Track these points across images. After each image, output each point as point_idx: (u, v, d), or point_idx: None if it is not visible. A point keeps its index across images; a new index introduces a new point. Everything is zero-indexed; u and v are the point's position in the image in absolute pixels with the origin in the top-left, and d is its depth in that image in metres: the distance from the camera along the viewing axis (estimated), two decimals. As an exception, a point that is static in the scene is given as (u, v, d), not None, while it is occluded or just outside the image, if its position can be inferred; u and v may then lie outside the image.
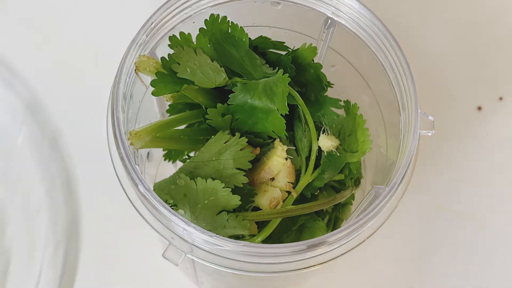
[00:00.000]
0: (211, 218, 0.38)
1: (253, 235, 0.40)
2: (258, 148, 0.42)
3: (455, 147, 0.63)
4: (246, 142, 0.40)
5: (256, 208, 0.42)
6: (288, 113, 0.40)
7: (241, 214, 0.39)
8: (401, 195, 0.40)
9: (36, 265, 0.57)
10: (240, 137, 0.41)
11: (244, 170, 0.40)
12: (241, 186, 0.39)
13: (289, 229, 0.43)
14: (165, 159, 0.48)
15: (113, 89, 0.39)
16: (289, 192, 0.42)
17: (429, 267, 0.58)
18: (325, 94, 0.45)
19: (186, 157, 0.49)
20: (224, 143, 0.40)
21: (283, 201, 0.41)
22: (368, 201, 0.41)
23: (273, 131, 0.41)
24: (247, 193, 0.40)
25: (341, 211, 0.47)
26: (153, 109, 0.48)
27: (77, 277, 0.56)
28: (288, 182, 0.42)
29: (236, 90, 0.41)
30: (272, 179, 0.41)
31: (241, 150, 0.40)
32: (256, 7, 0.46)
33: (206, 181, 0.38)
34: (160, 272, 0.57)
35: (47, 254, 0.57)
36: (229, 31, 0.42)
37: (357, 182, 0.45)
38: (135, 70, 0.40)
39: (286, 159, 0.42)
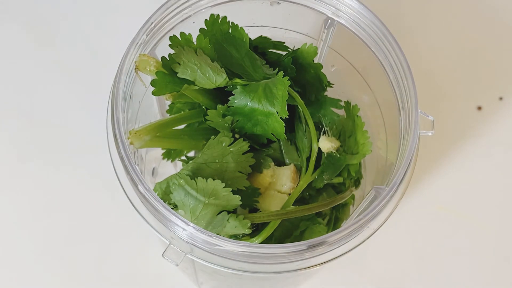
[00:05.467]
0: (211, 218, 0.38)
1: (252, 235, 0.40)
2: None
3: (455, 147, 0.63)
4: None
5: (256, 210, 0.42)
6: (287, 117, 0.40)
7: (241, 215, 0.39)
8: (401, 195, 0.40)
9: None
10: (241, 140, 0.41)
11: (246, 174, 0.40)
12: (243, 189, 0.39)
13: (291, 234, 0.43)
14: (163, 158, 0.48)
15: (113, 89, 0.39)
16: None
17: (429, 267, 0.58)
18: (325, 94, 0.46)
19: (184, 157, 0.49)
20: (228, 145, 0.40)
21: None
22: (368, 201, 0.41)
23: (272, 134, 0.41)
24: (251, 193, 0.40)
25: (341, 211, 0.47)
26: (153, 110, 0.48)
27: (78, 277, 0.57)
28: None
29: (236, 93, 0.41)
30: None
31: (243, 154, 0.40)
32: (256, 7, 0.46)
33: (207, 181, 0.38)
34: (160, 272, 0.57)
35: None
36: (229, 31, 0.42)
37: (357, 183, 0.45)
38: (135, 69, 0.40)
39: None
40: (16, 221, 0.58)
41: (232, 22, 0.42)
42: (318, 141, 0.43)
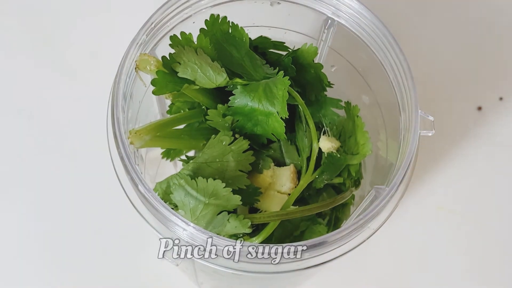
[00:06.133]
0: (212, 218, 0.38)
1: (252, 235, 0.40)
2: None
3: (455, 147, 0.63)
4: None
5: (255, 210, 0.42)
6: (288, 117, 0.40)
7: (241, 215, 0.39)
8: (401, 195, 0.40)
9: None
10: (241, 139, 0.41)
11: (246, 172, 0.40)
12: (244, 188, 0.39)
13: (291, 234, 0.43)
14: (163, 157, 0.48)
15: (113, 89, 0.39)
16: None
17: (428, 267, 0.58)
18: (325, 94, 0.45)
19: (184, 156, 0.49)
20: (229, 144, 0.40)
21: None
22: (368, 201, 0.41)
23: (272, 134, 0.41)
24: (252, 192, 0.40)
25: (341, 211, 0.47)
26: (153, 110, 0.48)
27: (77, 277, 0.56)
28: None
29: (237, 93, 0.41)
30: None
31: (243, 152, 0.40)
32: (256, 7, 0.46)
33: (207, 181, 0.38)
34: (160, 272, 0.57)
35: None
36: (230, 31, 0.42)
37: (357, 183, 0.45)
38: (135, 68, 0.40)
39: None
40: (16, 221, 0.58)
41: (232, 22, 0.42)
42: (318, 141, 0.43)
